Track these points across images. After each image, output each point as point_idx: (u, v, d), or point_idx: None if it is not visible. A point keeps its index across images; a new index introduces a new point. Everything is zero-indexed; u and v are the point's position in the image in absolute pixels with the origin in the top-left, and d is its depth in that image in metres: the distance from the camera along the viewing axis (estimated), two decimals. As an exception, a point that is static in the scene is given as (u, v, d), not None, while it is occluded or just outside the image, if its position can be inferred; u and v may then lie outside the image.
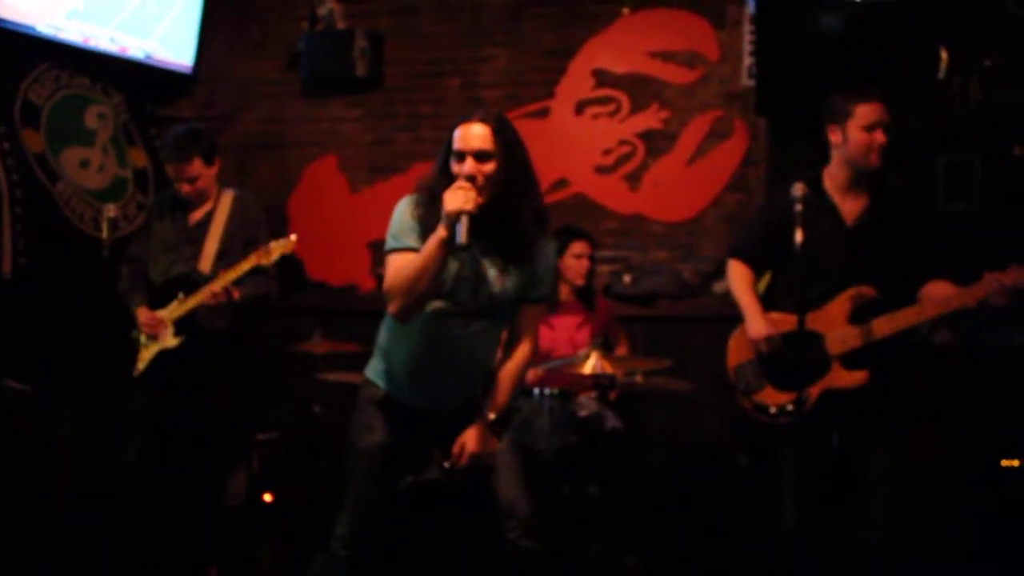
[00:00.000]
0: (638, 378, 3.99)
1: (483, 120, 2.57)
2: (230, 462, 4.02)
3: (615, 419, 4.02)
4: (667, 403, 4.38)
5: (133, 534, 3.81)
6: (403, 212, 2.64)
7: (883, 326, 3.12)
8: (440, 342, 2.67)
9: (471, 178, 2.51)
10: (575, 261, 4.31)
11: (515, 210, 2.59)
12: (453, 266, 2.60)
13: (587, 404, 3.95)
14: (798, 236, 2.89)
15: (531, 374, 4.12)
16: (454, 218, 2.45)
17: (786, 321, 3.17)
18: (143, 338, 3.86)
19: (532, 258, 2.65)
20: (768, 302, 3.32)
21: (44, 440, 4.22)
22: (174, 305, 3.83)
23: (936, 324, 4.31)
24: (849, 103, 3.19)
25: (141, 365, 3.85)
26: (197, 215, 3.92)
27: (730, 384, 3.37)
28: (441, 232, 2.47)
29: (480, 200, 2.50)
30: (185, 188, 3.84)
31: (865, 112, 3.15)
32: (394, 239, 2.62)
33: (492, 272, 2.63)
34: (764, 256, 3.39)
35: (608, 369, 3.68)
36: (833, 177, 3.24)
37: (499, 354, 2.81)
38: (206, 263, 3.85)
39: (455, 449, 2.71)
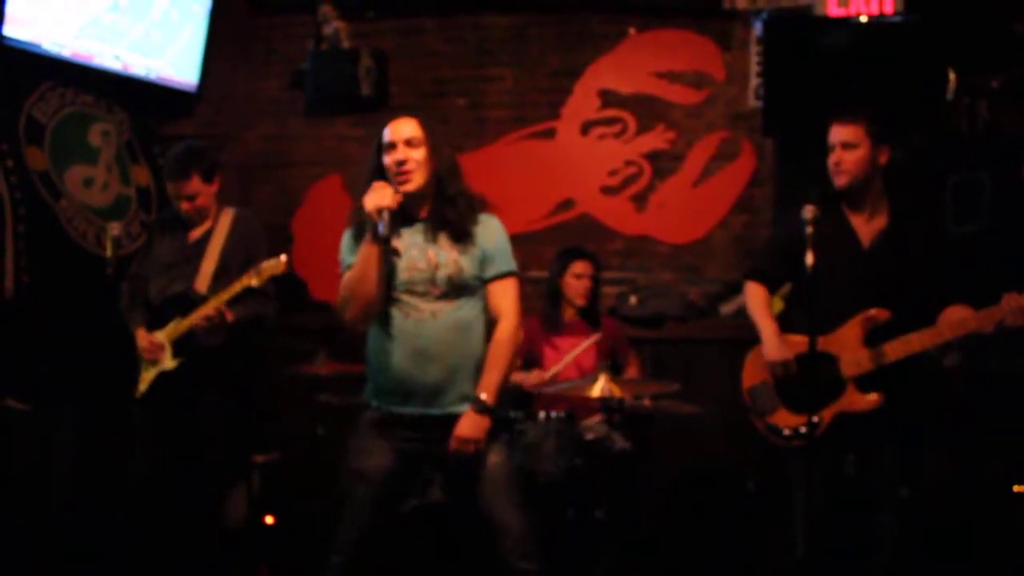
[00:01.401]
0: (646, 401, 3.96)
1: (408, 115, 2.80)
2: (228, 483, 3.97)
3: (622, 442, 3.97)
4: (674, 426, 4.32)
5: (132, 555, 3.76)
6: (344, 238, 2.86)
7: (897, 349, 3.09)
8: (415, 336, 2.73)
9: (402, 163, 2.70)
10: (576, 281, 4.27)
11: (448, 194, 2.77)
12: (404, 262, 2.74)
13: (594, 427, 3.90)
14: (808, 259, 2.90)
15: (534, 378, 4.10)
16: (376, 216, 2.63)
17: (802, 343, 3.13)
18: (144, 360, 3.82)
19: (476, 236, 2.80)
20: (785, 324, 3.31)
21: (44, 460, 4.17)
22: (171, 326, 3.78)
23: (946, 347, 4.29)
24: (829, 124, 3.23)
25: (143, 387, 3.81)
26: (196, 233, 3.89)
27: (744, 405, 3.36)
28: (368, 235, 2.66)
29: (404, 192, 2.71)
30: (184, 206, 3.81)
31: (831, 132, 3.20)
32: (341, 264, 2.84)
33: (443, 255, 2.76)
34: (780, 276, 3.40)
35: (616, 392, 3.64)
36: (847, 197, 3.23)
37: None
38: (202, 282, 3.80)
39: (451, 443, 2.72)
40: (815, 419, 3.11)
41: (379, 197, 2.64)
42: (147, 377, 3.81)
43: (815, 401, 3.12)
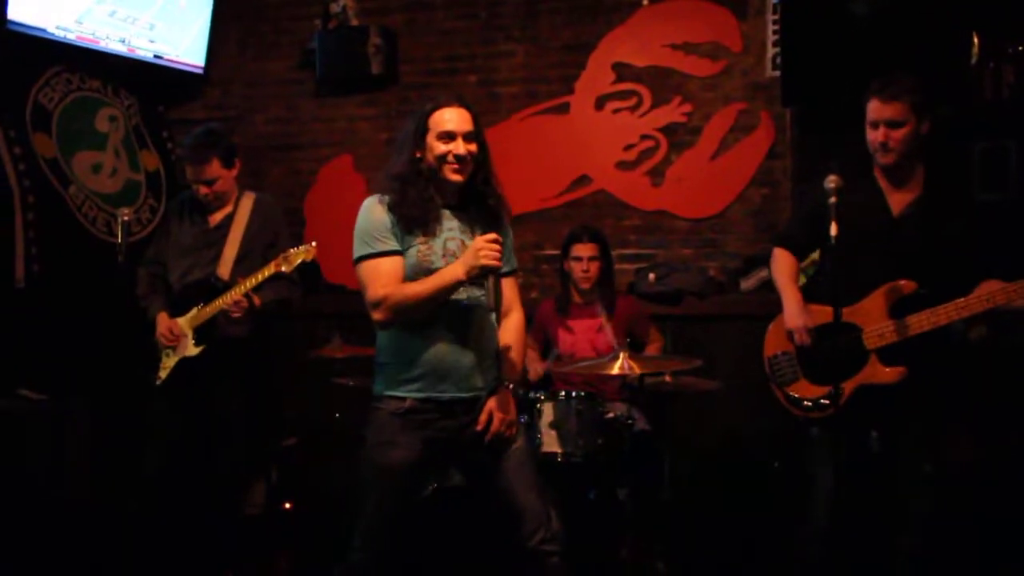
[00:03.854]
0: (667, 378, 3.89)
1: (462, 104, 2.74)
2: (247, 471, 3.94)
3: (643, 421, 3.92)
4: (696, 402, 4.26)
5: (150, 543, 3.73)
6: (373, 213, 2.71)
7: (922, 321, 3.01)
8: (454, 321, 2.70)
9: (462, 158, 2.66)
10: (575, 264, 4.20)
11: (490, 186, 2.77)
12: (440, 247, 2.69)
13: (615, 406, 3.84)
14: (832, 229, 2.82)
15: (538, 367, 4.05)
16: (485, 272, 2.59)
17: (825, 312, 3.07)
18: (164, 346, 3.78)
19: (506, 230, 2.81)
20: (810, 294, 3.25)
21: (58, 449, 4.15)
22: (193, 312, 3.75)
23: (972, 320, 4.21)
24: (863, 99, 3.11)
25: (163, 374, 3.78)
26: (216, 218, 3.85)
27: (765, 374, 3.31)
28: (460, 274, 2.59)
29: (454, 181, 2.69)
30: (203, 190, 3.77)
31: (873, 108, 3.07)
32: (368, 244, 2.68)
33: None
34: (808, 244, 3.37)
35: (636, 370, 3.57)
36: (887, 170, 3.14)
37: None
38: (225, 268, 3.77)
39: (482, 417, 2.71)
40: (836, 391, 3.04)
41: (495, 256, 2.59)
42: (168, 364, 3.78)
43: (837, 372, 3.06)
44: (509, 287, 2.85)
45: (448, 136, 2.68)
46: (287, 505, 4.53)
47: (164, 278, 3.88)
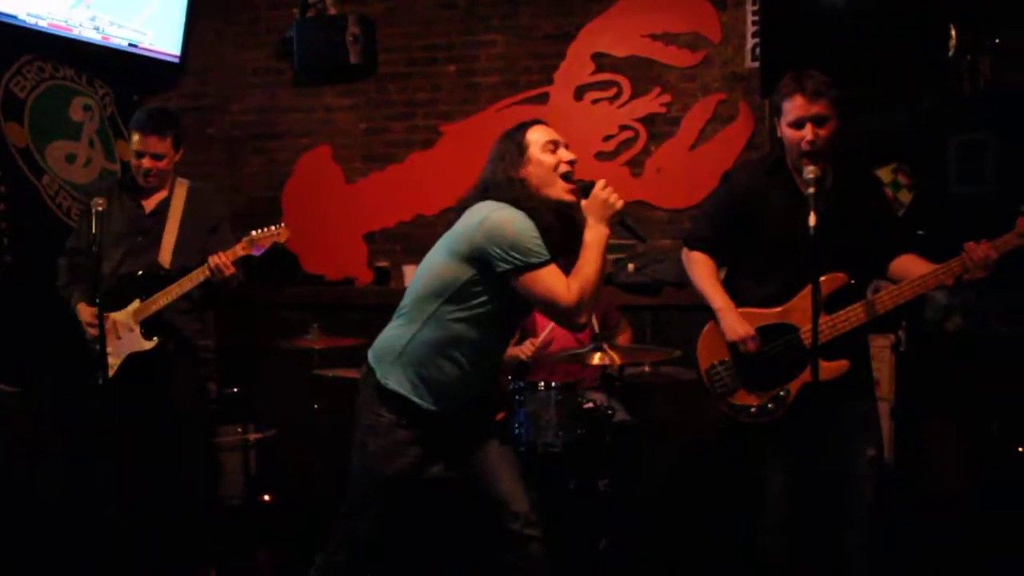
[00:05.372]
0: (646, 368, 3.89)
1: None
2: (207, 460, 3.88)
3: (623, 411, 3.92)
4: (675, 393, 4.26)
5: (128, 536, 3.70)
6: (526, 224, 2.51)
7: (851, 317, 2.96)
8: (497, 351, 2.75)
9: (573, 162, 2.64)
10: None
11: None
12: None
13: (594, 396, 3.84)
14: (811, 220, 2.67)
15: (528, 348, 4.03)
16: (618, 215, 2.57)
17: (757, 316, 3.04)
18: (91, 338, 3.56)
19: None
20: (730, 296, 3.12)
21: (31, 442, 4.09)
22: (136, 305, 3.61)
23: (948, 311, 4.24)
24: (777, 98, 2.98)
25: (111, 372, 3.57)
26: (151, 204, 3.73)
27: (704, 387, 3.18)
28: (607, 230, 2.56)
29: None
30: (147, 163, 3.63)
31: (795, 105, 2.91)
32: (537, 253, 2.49)
33: None
34: (725, 244, 3.18)
35: (616, 360, 3.57)
36: (792, 165, 3.02)
37: None
38: (166, 255, 3.65)
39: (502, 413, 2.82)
40: (781, 393, 3.03)
41: (618, 198, 2.58)
42: (115, 363, 3.60)
43: (779, 375, 3.01)
44: None
45: (553, 144, 2.65)
46: (266, 497, 4.52)
47: (89, 268, 3.65)
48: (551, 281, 2.49)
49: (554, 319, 2.65)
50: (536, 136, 2.64)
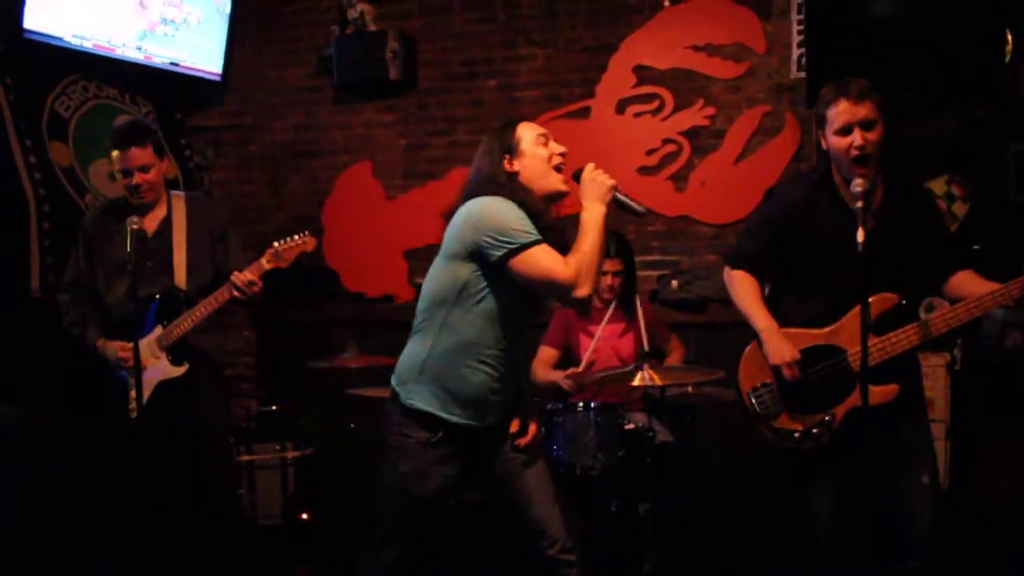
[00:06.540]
0: (689, 389, 3.79)
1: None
2: (235, 481, 3.85)
3: (665, 432, 3.81)
4: (718, 414, 4.14)
5: (166, 560, 3.67)
6: (508, 208, 2.55)
7: (903, 338, 2.84)
8: (513, 354, 2.70)
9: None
10: (600, 277, 4.05)
11: None
12: None
13: (636, 417, 3.74)
14: (860, 236, 2.58)
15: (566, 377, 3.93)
16: (612, 193, 2.62)
17: (802, 337, 2.92)
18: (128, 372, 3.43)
19: None
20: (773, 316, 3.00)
21: (66, 460, 4.07)
22: (159, 332, 3.50)
23: (1007, 327, 4.08)
24: (820, 107, 2.88)
25: (141, 402, 3.40)
26: (151, 225, 3.54)
27: (745, 411, 3.07)
28: (603, 209, 2.59)
29: None
30: (137, 179, 3.47)
31: (841, 111, 2.81)
32: (525, 232, 2.50)
33: None
34: (770, 263, 3.07)
35: (657, 380, 3.48)
36: (841, 176, 2.90)
37: None
38: (180, 276, 3.52)
39: (528, 437, 2.76)
40: (827, 417, 2.91)
41: (607, 175, 2.65)
42: (145, 393, 3.43)
43: (825, 399, 2.90)
44: None
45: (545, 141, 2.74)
46: (304, 515, 4.49)
47: (94, 303, 3.57)
48: (545, 259, 2.49)
49: (555, 297, 2.62)
50: (527, 131, 2.68)
